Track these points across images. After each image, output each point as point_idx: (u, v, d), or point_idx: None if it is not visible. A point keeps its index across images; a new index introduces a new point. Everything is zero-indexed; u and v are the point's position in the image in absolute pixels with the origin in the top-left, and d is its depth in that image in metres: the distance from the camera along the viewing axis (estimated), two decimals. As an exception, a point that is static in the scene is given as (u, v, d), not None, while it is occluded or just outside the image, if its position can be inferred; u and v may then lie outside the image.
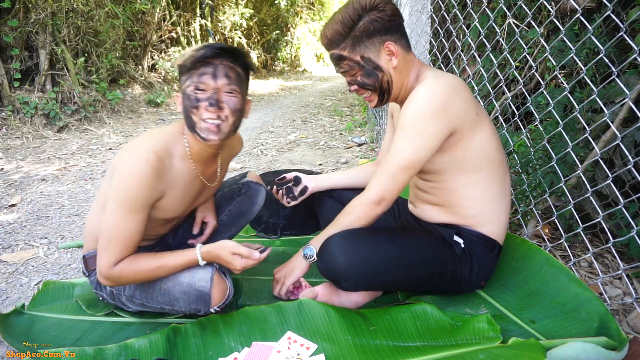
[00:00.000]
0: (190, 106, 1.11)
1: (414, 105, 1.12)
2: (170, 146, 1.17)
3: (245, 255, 1.16)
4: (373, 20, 1.15)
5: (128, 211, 1.11)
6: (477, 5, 2.23)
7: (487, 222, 1.27)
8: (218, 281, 1.20)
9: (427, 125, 1.11)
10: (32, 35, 4.86)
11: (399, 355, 1.08)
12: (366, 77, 1.20)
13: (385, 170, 1.17)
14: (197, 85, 1.10)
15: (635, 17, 1.40)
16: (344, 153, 3.81)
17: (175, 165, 1.18)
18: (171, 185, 1.18)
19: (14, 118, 4.57)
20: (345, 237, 1.20)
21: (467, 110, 1.15)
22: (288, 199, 1.62)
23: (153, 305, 1.25)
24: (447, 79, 1.16)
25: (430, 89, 1.13)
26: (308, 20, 14.31)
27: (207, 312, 1.22)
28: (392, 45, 1.17)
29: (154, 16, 7.18)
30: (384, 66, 1.19)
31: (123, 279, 1.16)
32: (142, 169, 1.08)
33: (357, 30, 1.15)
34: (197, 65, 1.10)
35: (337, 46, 1.19)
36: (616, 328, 1.06)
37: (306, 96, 8.29)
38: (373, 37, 1.16)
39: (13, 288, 1.74)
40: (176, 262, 1.18)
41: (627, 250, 1.56)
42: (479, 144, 1.19)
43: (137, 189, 1.09)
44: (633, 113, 1.41)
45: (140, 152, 1.10)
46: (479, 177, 1.22)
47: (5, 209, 2.63)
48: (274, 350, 1.10)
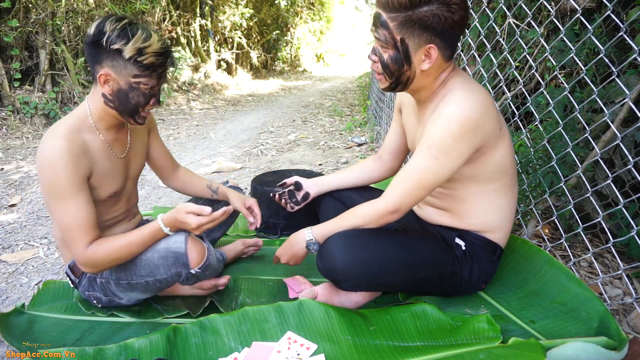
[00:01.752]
0: (142, 103, 1.21)
1: (443, 123, 1.06)
2: (76, 124, 1.22)
3: (197, 212, 1.20)
4: (437, 15, 1.02)
5: (67, 198, 1.16)
6: (477, 5, 2.23)
7: (491, 229, 1.27)
8: (193, 242, 1.25)
9: (456, 147, 1.07)
10: (32, 35, 4.86)
11: (399, 355, 1.08)
12: (392, 61, 1.11)
13: (406, 184, 1.13)
14: (152, 85, 1.19)
15: (635, 17, 1.40)
16: (344, 153, 3.81)
17: (88, 140, 1.23)
18: (94, 160, 1.23)
19: (14, 118, 4.57)
20: (346, 238, 1.20)
21: (493, 128, 1.12)
22: (291, 204, 1.62)
23: (138, 280, 1.28)
24: (478, 96, 1.09)
25: (460, 106, 1.06)
26: (308, 20, 14.30)
27: (189, 274, 1.25)
28: (434, 51, 1.07)
29: (154, 16, 7.18)
30: (414, 62, 1.10)
31: (100, 259, 1.20)
32: (55, 155, 1.13)
33: (417, 13, 1.03)
34: (155, 67, 1.17)
35: (389, 11, 1.06)
36: (616, 328, 1.06)
37: (306, 96, 8.29)
38: (425, 30, 1.05)
39: (13, 288, 1.74)
40: (143, 234, 1.23)
41: (627, 250, 1.56)
42: (498, 158, 1.17)
43: (60, 174, 1.14)
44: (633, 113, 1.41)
45: (49, 142, 1.15)
46: (490, 187, 1.21)
47: (5, 209, 2.63)
48: (274, 350, 1.10)
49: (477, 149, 1.11)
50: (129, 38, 1.12)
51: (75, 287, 1.38)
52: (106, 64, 1.15)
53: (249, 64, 10.93)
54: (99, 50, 1.14)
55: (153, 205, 2.64)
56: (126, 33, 1.12)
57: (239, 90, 9.06)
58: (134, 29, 1.13)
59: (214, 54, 9.06)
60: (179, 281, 1.29)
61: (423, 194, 1.14)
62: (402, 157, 1.54)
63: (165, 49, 1.18)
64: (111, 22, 1.13)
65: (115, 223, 1.39)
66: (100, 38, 1.12)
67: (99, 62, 1.16)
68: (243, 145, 4.29)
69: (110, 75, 1.16)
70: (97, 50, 1.14)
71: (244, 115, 6.16)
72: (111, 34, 1.12)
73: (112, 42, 1.12)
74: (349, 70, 15.39)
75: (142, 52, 1.13)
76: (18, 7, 4.62)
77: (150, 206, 2.62)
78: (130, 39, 1.12)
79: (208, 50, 8.98)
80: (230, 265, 1.69)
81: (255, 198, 2.01)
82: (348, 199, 1.56)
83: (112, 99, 1.21)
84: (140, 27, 1.15)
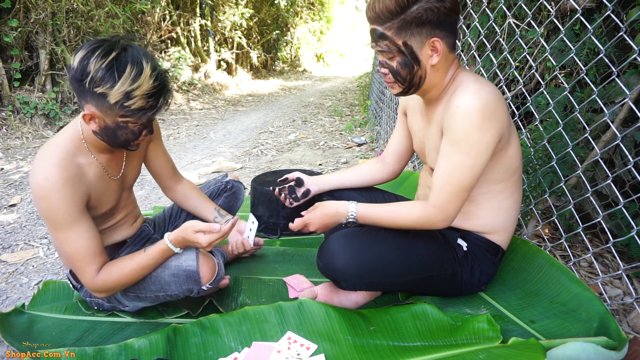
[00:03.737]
0: (132, 139, 1.14)
1: (464, 115, 1.04)
2: (69, 148, 1.15)
3: (206, 230, 1.17)
4: (429, 9, 1.02)
5: (66, 229, 1.12)
6: (477, 5, 2.23)
7: (495, 231, 1.26)
8: (204, 259, 1.23)
9: (482, 136, 1.05)
10: (32, 35, 4.86)
11: (399, 355, 1.08)
12: (402, 66, 1.10)
13: (449, 189, 1.10)
14: (142, 123, 1.11)
15: (635, 17, 1.40)
16: (344, 153, 3.81)
17: (83, 164, 1.17)
18: (90, 185, 1.18)
19: (14, 118, 4.57)
20: (346, 237, 1.20)
21: (508, 119, 1.11)
22: (291, 199, 1.62)
23: (147, 294, 1.27)
24: (489, 85, 1.09)
25: (476, 96, 1.04)
26: (308, 20, 14.30)
27: (200, 290, 1.24)
28: (439, 43, 1.06)
29: (154, 16, 7.18)
30: (422, 60, 1.09)
31: (111, 285, 1.18)
32: (49, 187, 1.07)
33: (409, 14, 1.03)
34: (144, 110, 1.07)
35: (382, 23, 1.07)
36: (616, 328, 1.06)
37: (306, 96, 8.29)
38: (423, 26, 1.04)
39: (13, 288, 1.74)
40: (153, 256, 1.20)
41: (627, 250, 1.56)
42: (510, 155, 1.16)
43: (59, 206, 1.08)
44: (633, 113, 1.41)
45: (44, 173, 1.08)
46: (499, 187, 1.21)
47: (5, 209, 2.63)
48: (274, 350, 1.10)
49: (499, 137, 1.09)
50: (114, 80, 1.00)
51: (77, 290, 1.38)
52: (91, 103, 1.05)
53: (249, 64, 10.93)
54: (83, 89, 1.03)
55: (153, 205, 2.64)
56: (112, 73, 1.00)
57: (239, 90, 9.06)
58: (122, 67, 1.00)
59: (214, 53, 9.06)
60: (190, 295, 1.27)
61: (466, 195, 1.11)
62: (405, 160, 1.53)
63: (159, 86, 1.05)
64: (96, 59, 1.00)
65: (116, 229, 1.37)
66: (84, 79, 1.01)
67: (84, 99, 1.05)
68: (243, 145, 4.29)
69: (96, 113, 1.07)
70: (81, 89, 1.03)
71: (243, 115, 6.16)
72: (95, 75, 1.00)
73: (95, 84, 1.00)
74: (349, 70, 15.39)
75: (129, 95, 1.02)
76: (18, 7, 4.62)
77: (151, 206, 2.62)
78: (116, 82, 1.00)
79: (208, 50, 8.98)
80: (231, 265, 1.69)
81: (255, 198, 2.02)
82: (348, 198, 1.56)
83: (100, 134, 1.12)
84: (130, 60, 1.01)
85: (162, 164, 1.48)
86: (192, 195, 1.54)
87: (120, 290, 1.23)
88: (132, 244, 1.42)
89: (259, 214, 2.02)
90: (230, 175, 1.76)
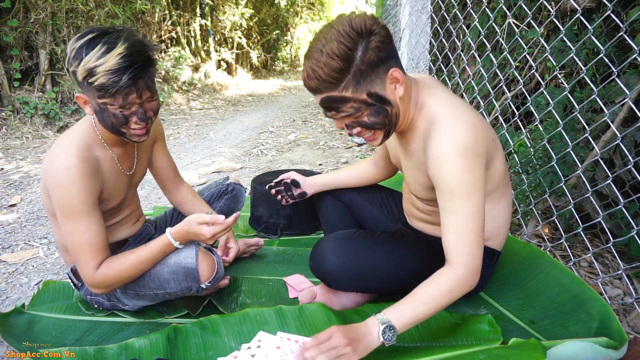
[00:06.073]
0: (118, 123, 1.11)
1: (447, 166, 0.99)
2: (86, 140, 1.18)
3: (210, 221, 1.17)
4: (375, 47, 0.95)
5: (78, 218, 1.13)
6: (477, 5, 2.23)
7: (488, 238, 1.24)
8: (204, 256, 1.23)
9: (473, 176, 0.99)
10: (32, 35, 4.86)
11: (399, 355, 1.08)
12: (375, 116, 1.02)
13: (465, 241, 1.01)
14: (122, 106, 1.08)
15: (635, 17, 1.40)
16: (344, 153, 3.81)
17: (99, 157, 1.20)
18: (104, 177, 1.21)
19: (13, 118, 4.57)
20: (337, 240, 1.20)
21: (488, 140, 1.07)
22: (287, 197, 1.63)
23: (146, 292, 1.27)
24: (463, 116, 1.02)
25: (453, 141, 0.99)
26: (308, 20, 14.29)
27: (199, 288, 1.24)
28: (397, 72, 0.99)
29: (154, 16, 7.18)
30: (391, 98, 1.02)
31: (110, 281, 1.18)
32: (69, 177, 1.10)
33: (359, 63, 0.95)
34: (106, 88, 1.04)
35: (335, 87, 0.97)
36: (616, 328, 1.06)
37: (306, 96, 8.29)
38: (379, 67, 0.97)
39: (13, 288, 1.74)
40: (153, 250, 1.20)
41: (627, 250, 1.56)
42: (495, 168, 1.13)
43: (76, 195, 1.11)
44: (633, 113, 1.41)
45: (65, 161, 1.10)
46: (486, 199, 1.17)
47: (5, 209, 2.63)
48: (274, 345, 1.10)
49: (486, 166, 1.06)
50: (82, 58, 1.02)
51: (77, 289, 1.38)
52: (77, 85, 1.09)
53: (249, 63, 10.94)
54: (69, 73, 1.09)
55: (153, 205, 2.64)
56: (81, 52, 1.02)
57: (238, 90, 9.06)
58: (92, 45, 1.01)
59: (214, 53, 9.06)
60: (189, 294, 1.27)
61: (482, 235, 1.04)
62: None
63: (126, 63, 1.02)
64: (75, 39, 1.04)
65: (119, 227, 1.38)
66: (67, 61, 1.06)
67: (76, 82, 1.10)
68: (243, 145, 4.29)
69: (81, 96, 1.11)
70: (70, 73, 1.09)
71: (243, 115, 6.16)
72: (70, 54, 1.04)
73: (70, 63, 1.05)
74: (349, 70, 15.35)
75: (92, 72, 1.01)
76: (18, 7, 4.62)
77: (151, 206, 2.62)
78: (83, 59, 1.02)
79: (208, 50, 8.98)
80: (231, 265, 1.68)
81: (255, 198, 2.02)
82: (348, 198, 1.56)
83: (97, 119, 1.16)
84: (105, 41, 1.02)
85: (164, 166, 1.50)
86: (189, 200, 1.56)
87: (119, 285, 1.23)
88: (133, 243, 1.42)
89: (259, 214, 2.02)
90: (231, 177, 1.78)
